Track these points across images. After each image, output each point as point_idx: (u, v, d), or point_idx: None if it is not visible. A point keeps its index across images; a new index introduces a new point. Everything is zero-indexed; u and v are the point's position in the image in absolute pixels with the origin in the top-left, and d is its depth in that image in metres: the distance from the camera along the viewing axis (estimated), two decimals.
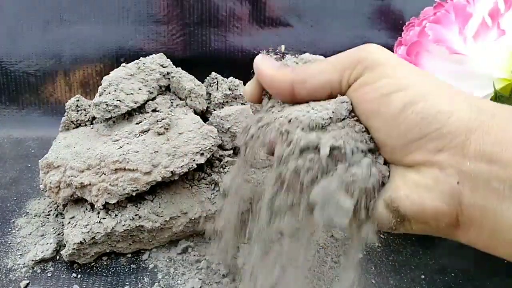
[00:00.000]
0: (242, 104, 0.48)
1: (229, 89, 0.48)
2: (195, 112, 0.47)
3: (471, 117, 0.18)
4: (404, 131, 0.19)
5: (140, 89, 0.45)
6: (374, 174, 0.20)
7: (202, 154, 0.41)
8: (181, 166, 0.39)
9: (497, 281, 0.40)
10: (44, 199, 0.47)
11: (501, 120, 0.18)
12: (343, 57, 0.22)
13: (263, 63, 0.25)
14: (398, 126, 0.19)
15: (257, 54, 0.26)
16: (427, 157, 0.19)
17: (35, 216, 0.45)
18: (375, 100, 0.20)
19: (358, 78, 0.21)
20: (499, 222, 0.18)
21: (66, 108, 0.47)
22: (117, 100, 0.42)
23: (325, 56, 0.25)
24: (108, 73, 0.46)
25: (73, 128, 0.47)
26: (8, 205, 0.48)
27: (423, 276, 0.40)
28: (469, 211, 0.18)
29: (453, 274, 0.40)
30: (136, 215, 0.39)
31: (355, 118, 0.21)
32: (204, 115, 0.48)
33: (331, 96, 0.22)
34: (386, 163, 0.21)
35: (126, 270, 0.40)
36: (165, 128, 0.41)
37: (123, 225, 0.39)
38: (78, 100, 0.47)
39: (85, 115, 0.47)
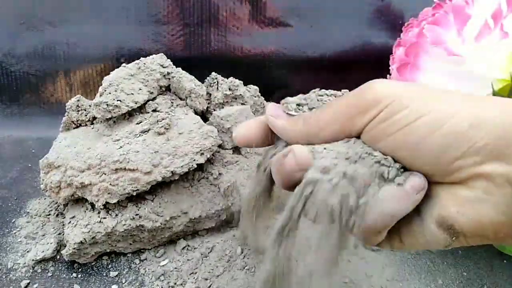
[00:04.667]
0: (242, 104, 0.48)
1: (229, 89, 0.48)
2: (195, 112, 0.47)
3: (506, 122, 0.18)
4: (437, 155, 0.18)
5: (140, 89, 0.45)
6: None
7: (202, 154, 0.41)
8: (181, 166, 0.39)
9: None
10: (45, 199, 0.47)
11: None
12: (352, 102, 0.20)
13: (273, 112, 0.24)
14: (430, 152, 0.18)
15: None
16: (471, 172, 0.18)
17: (35, 216, 0.45)
18: (398, 132, 0.19)
19: (373, 119, 0.20)
20: None
21: (66, 108, 0.47)
22: (117, 100, 0.43)
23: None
24: (109, 73, 0.46)
25: (74, 128, 0.47)
26: (9, 205, 0.48)
27: None
28: None
29: None
30: (137, 214, 0.39)
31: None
32: (204, 115, 0.48)
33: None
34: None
35: (127, 269, 0.40)
36: (165, 128, 0.41)
37: (124, 224, 0.39)
38: (78, 100, 0.47)
39: (86, 115, 0.47)
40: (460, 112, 0.18)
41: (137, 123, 0.43)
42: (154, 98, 0.46)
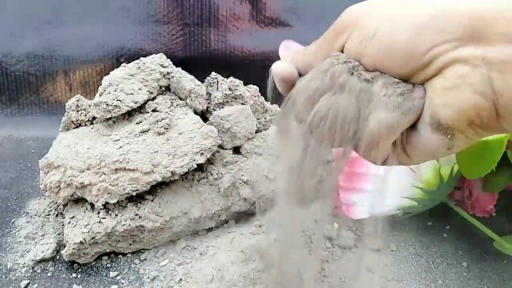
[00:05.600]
0: (242, 104, 0.48)
1: (229, 89, 0.48)
2: (195, 112, 0.47)
3: (474, 7, 0.18)
4: (408, 52, 0.19)
5: (140, 89, 0.45)
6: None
7: (202, 154, 0.41)
8: (181, 166, 0.39)
9: None
10: (44, 199, 0.47)
11: None
12: (331, 30, 0.23)
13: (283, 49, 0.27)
14: (400, 52, 0.19)
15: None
16: (445, 60, 0.18)
17: (35, 216, 0.45)
18: (369, 45, 0.20)
19: (347, 40, 0.21)
20: None
21: (66, 108, 0.47)
22: (117, 100, 0.43)
23: None
24: (108, 73, 0.46)
25: (73, 128, 0.47)
26: (9, 205, 0.48)
27: None
28: (504, 95, 0.18)
29: None
30: (136, 215, 0.39)
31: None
32: (204, 115, 0.48)
33: None
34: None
35: (127, 269, 0.40)
36: (165, 128, 0.41)
37: (123, 225, 0.39)
38: (78, 100, 0.47)
39: (85, 115, 0.47)
40: (421, 8, 0.19)
41: (137, 123, 0.43)
42: (154, 98, 0.46)
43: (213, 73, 0.51)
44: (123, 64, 0.47)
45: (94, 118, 0.46)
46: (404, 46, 0.19)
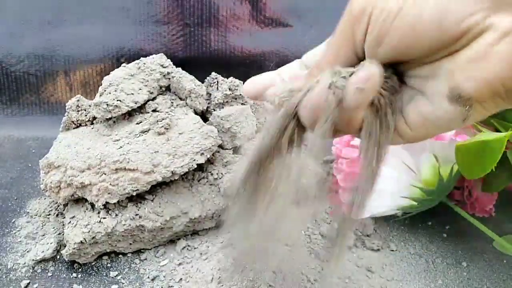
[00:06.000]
0: (242, 104, 0.48)
1: (229, 89, 0.48)
2: (195, 112, 0.47)
3: None
4: (438, 25, 0.18)
5: (140, 89, 0.45)
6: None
7: (202, 154, 0.41)
8: (181, 166, 0.39)
9: None
10: (45, 198, 0.47)
11: None
12: (345, 22, 0.22)
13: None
14: (430, 26, 0.18)
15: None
16: (476, 29, 0.18)
17: (35, 215, 0.45)
18: (394, 22, 0.19)
19: (368, 24, 0.20)
20: None
21: (66, 108, 0.47)
22: (117, 100, 0.43)
23: None
24: (109, 73, 0.46)
25: (74, 128, 0.47)
26: (9, 204, 0.48)
27: None
28: None
29: None
30: (137, 214, 0.39)
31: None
32: (204, 115, 0.48)
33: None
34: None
35: (127, 269, 0.40)
36: (165, 128, 0.41)
37: (124, 224, 0.39)
38: (78, 100, 0.47)
39: (86, 115, 0.47)
40: None
41: (137, 123, 0.43)
42: (154, 98, 0.46)
43: (213, 73, 0.51)
44: (123, 64, 0.47)
45: (94, 118, 0.46)
46: (434, 19, 0.18)
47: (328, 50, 0.23)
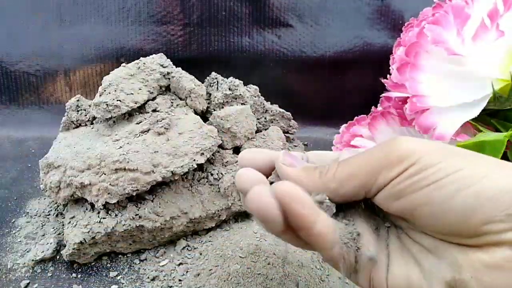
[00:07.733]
0: (242, 104, 0.48)
1: (229, 89, 0.48)
2: (195, 112, 0.47)
3: None
4: (464, 216, 0.18)
5: (140, 89, 0.45)
6: None
7: (202, 154, 0.41)
8: (181, 166, 0.39)
9: None
10: (45, 199, 0.48)
11: None
12: (375, 158, 0.20)
13: (286, 161, 0.23)
14: (456, 212, 0.18)
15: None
16: (496, 239, 0.17)
17: (35, 216, 0.45)
18: (425, 188, 0.18)
19: (399, 175, 0.19)
20: None
21: (66, 108, 0.47)
22: (117, 100, 0.43)
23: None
24: (108, 73, 0.46)
25: (74, 128, 0.47)
26: (9, 205, 0.48)
27: None
28: None
29: None
30: (136, 215, 0.39)
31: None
32: (204, 115, 0.48)
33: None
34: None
35: (127, 269, 0.40)
36: (165, 128, 0.41)
37: (123, 225, 0.39)
38: (78, 100, 0.47)
39: (86, 115, 0.47)
40: (491, 174, 0.18)
41: (137, 123, 0.43)
42: (154, 98, 0.46)
43: (213, 73, 0.51)
44: (123, 64, 0.47)
45: (94, 118, 0.46)
46: (461, 210, 0.18)
47: (341, 171, 0.21)
